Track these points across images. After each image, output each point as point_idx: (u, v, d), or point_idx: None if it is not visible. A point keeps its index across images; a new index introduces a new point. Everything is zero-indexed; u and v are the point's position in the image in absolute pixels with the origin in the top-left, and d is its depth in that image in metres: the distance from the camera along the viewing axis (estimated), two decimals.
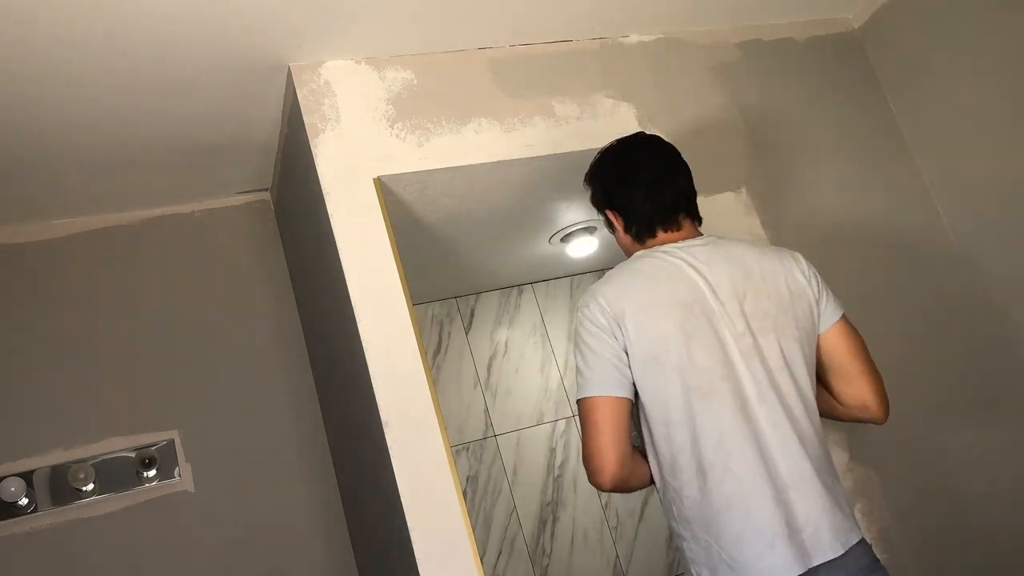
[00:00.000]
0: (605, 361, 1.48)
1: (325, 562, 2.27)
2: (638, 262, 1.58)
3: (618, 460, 1.46)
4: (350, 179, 1.92)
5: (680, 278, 1.53)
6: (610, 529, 3.15)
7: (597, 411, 1.47)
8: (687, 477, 1.45)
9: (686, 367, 1.46)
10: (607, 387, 1.48)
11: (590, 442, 1.47)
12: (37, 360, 2.21)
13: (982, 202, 2.35)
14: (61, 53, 1.68)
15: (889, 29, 2.50)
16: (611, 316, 1.49)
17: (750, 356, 1.49)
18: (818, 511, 1.42)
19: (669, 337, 1.47)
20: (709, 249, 1.58)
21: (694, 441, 1.45)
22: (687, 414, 1.45)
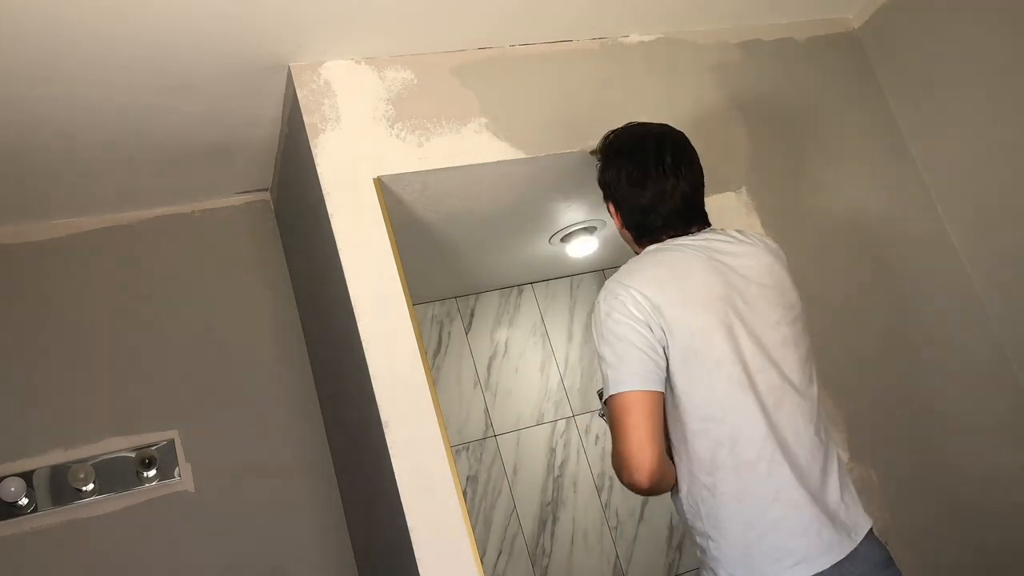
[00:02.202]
0: (641, 353, 1.42)
1: (325, 562, 2.27)
2: (661, 254, 1.54)
3: (658, 457, 1.40)
4: (350, 179, 1.92)
5: (712, 270, 1.50)
6: (610, 529, 3.15)
7: (636, 407, 1.40)
8: (724, 474, 1.42)
9: (728, 361, 1.44)
10: (644, 381, 1.41)
11: (627, 438, 1.40)
12: (37, 360, 2.21)
13: (982, 202, 2.35)
14: (60, 52, 1.68)
15: (889, 29, 2.50)
16: (647, 308, 1.44)
17: (785, 346, 1.50)
18: (838, 504, 1.44)
19: (711, 330, 1.44)
20: (728, 243, 1.56)
21: (736, 436, 1.42)
22: (729, 409, 1.43)
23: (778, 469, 1.41)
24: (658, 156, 1.58)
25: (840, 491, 1.46)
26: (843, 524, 1.43)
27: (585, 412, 3.28)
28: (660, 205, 1.57)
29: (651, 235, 1.60)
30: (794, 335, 1.53)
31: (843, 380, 2.16)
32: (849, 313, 2.25)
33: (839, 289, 2.26)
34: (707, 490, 1.44)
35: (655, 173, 1.57)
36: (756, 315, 1.49)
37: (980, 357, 2.34)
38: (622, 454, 1.41)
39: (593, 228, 2.81)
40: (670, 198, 1.57)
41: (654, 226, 1.59)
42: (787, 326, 1.52)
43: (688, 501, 1.49)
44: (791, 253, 2.13)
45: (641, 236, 1.62)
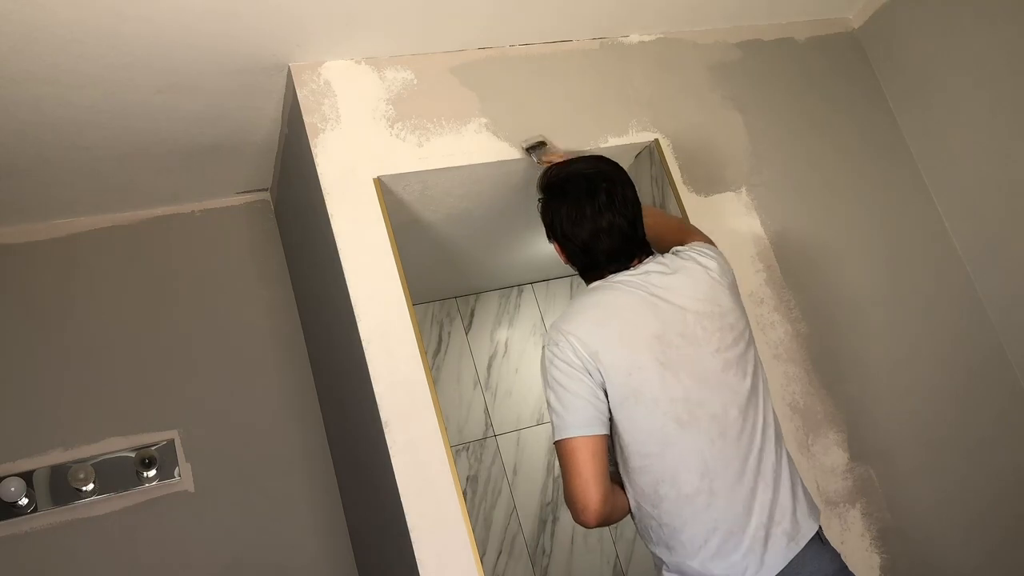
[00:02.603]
0: (582, 400, 1.48)
1: (325, 562, 2.27)
2: (599, 294, 1.58)
3: (602, 498, 1.46)
4: (350, 179, 1.93)
5: (647, 308, 1.53)
6: (610, 529, 3.15)
7: (578, 452, 1.46)
8: (668, 506, 1.47)
9: (664, 399, 1.47)
10: (586, 427, 1.47)
11: (573, 482, 1.47)
12: (37, 360, 2.21)
13: (982, 203, 2.35)
14: (60, 52, 1.68)
15: (889, 29, 2.50)
16: (584, 355, 1.49)
17: (728, 369, 1.51)
18: (787, 506, 1.47)
19: (646, 369, 1.48)
20: (664, 272, 1.58)
21: (676, 471, 1.46)
22: (668, 445, 1.47)
23: (717, 501, 1.45)
24: (591, 194, 1.60)
25: (789, 504, 1.48)
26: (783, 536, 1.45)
27: None
28: (598, 242, 1.60)
29: (594, 270, 1.64)
30: (737, 357, 1.53)
31: (843, 380, 2.16)
32: (849, 312, 2.25)
33: (837, 288, 2.26)
34: (654, 520, 1.50)
35: (590, 212, 1.60)
36: (693, 347, 1.51)
37: (980, 357, 2.34)
38: (569, 497, 1.48)
39: None
40: (607, 235, 1.59)
41: (596, 262, 1.63)
42: (728, 350, 1.53)
43: (640, 528, 1.56)
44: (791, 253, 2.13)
45: (585, 271, 1.67)
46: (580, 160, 1.71)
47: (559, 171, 1.70)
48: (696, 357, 1.50)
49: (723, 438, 1.47)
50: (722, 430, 1.47)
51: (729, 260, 1.69)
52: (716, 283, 1.59)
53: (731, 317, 1.57)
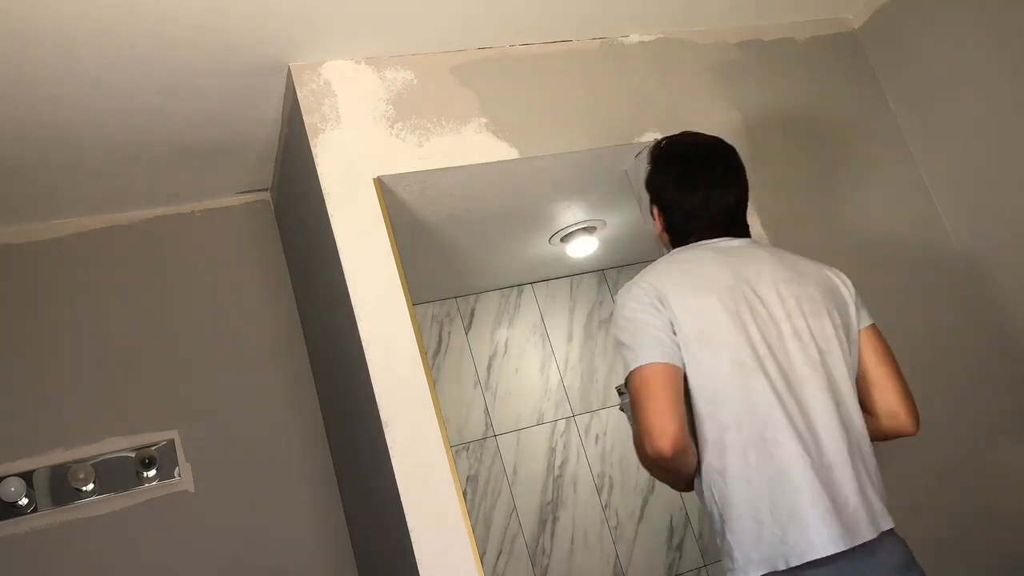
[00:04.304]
0: (655, 331, 1.47)
1: (325, 562, 2.27)
2: (678, 253, 1.62)
3: (681, 424, 1.41)
4: (350, 179, 1.93)
5: (722, 264, 1.56)
6: (610, 529, 3.15)
7: (654, 378, 1.43)
8: (732, 456, 1.44)
9: (732, 343, 1.48)
10: (661, 355, 1.45)
11: (648, 407, 1.41)
12: (37, 360, 2.21)
13: (982, 202, 2.35)
14: (60, 53, 1.68)
15: (889, 29, 2.50)
16: (654, 296, 1.50)
17: (799, 336, 1.51)
18: (855, 493, 1.44)
19: (715, 313, 1.49)
20: (746, 248, 1.61)
21: (742, 417, 1.45)
22: (735, 390, 1.46)
23: (783, 451, 1.43)
24: (708, 165, 1.65)
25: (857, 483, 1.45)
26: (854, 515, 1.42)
27: (585, 412, 3.29)
28: (704, 212, 1.63)
29: (688, 240, 1.65)
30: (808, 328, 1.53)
31: None
32: None
33: None
34: (717, 473, 1.46)
35: (702, 182, 1.63)
36: (766, 306, 1.53)
37: (980, 357, 2.34)
38: (644, 424, 1.42)
39: (593, 228, 2.81)
40: (715, 206, 1.63)
41: (694, 231, 1.64)
42: (800, 319, 1.53)
43: (705, 485, 1.51)
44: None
45: (678, 241, 1.67)
46: (693, 133, 1.74)
47: (674, 140, 1.72)
48: (767, 315, 1.51)
49: (789, 394, 1.46)
50: (787, 387, 1.47)
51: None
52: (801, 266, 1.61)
53: (814, 291, 1.57)
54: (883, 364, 1.62)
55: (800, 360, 1.50)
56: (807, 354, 1.51)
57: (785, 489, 1.41)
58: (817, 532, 1.38)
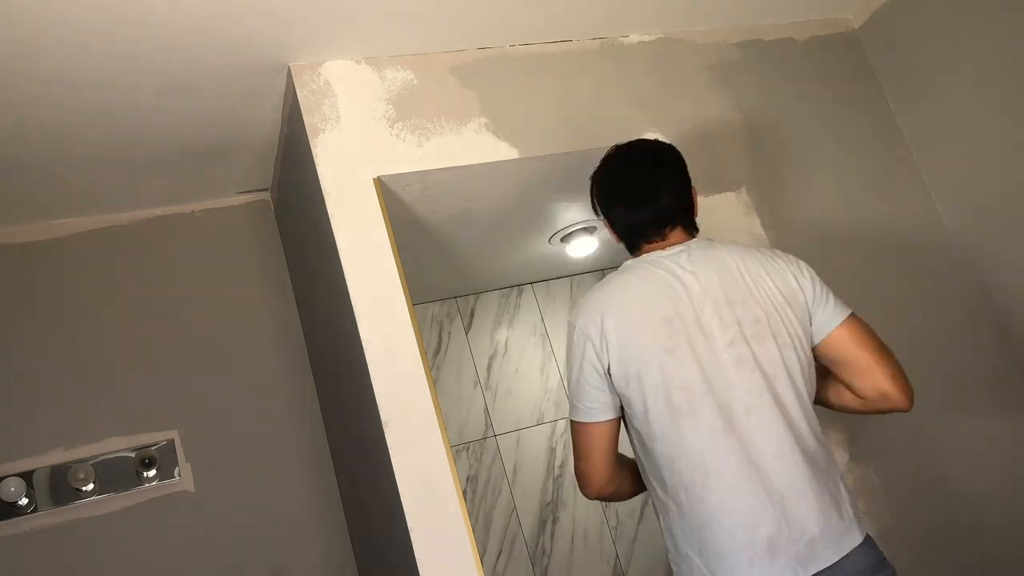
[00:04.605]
0: (594, 389, 1.53)
1: (325, 562, 2.27)
2: (626, 274, 1.60)
3: (607, 480, 1.57)
4: (350, 179, 1.93)
5: (665, 291, 1.52)
6: (610, 529, 3.15)
7: (588, 437, 1.56)
8: (670, 491, 1.48)
9: (665, 386, 1.47)
10: (598, 413, 1.54)
11: (580, 463, 1.58)
12: (37, 360, 2.21)
13: (982, 202, 2.35)
14: (61, 52, 1.68)
15: (889, 29, 2.50)
16: (597, 333, 1.52)
17: (742, 364, 1.48)
18: (814, 520, 1.41)
19: (649, 355, 1.49)
20: (695, 256, 1.56)
21: (674, 458, 1.47)
22: (667, 432, 1.47)
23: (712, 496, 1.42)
24: (632, 169, 1.66)
25: (819, 508, 1.42)
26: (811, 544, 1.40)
27: None
28: (625, 227, 1.65)
29: (635, 247, 1.66)
30: (755, 354, 1.48)
31: None
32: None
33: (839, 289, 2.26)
34: (661, 503, 1.52)
35: (619, 196, 1.65)
36: (704, 337, 1.49)
37: (980, 357, 2.34)
38: (577, 468, 1.60)
39: (593, 228, 2.81)
40: (636, 221, 1.63)
41: (637, 240, 1.65)
42: (743, 345, 1.48)
43: (654, 510, 1.58)
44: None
45: (629, 248, 1.69)
46: (635, 141, 1.75)
47: (614, 149, 1.73)
48: (707, 347, 1.48)
49: (727, 433, 1.43)
50: (726, 426, 1.44)
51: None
52: (748, 277, 1.55)
53: (758, 311, 1.51)
54: (865, 350, 1.57)
55: (744, 391, 1.46)
56: (752, 382, 1.47)
57: (714, 532, 1.42)
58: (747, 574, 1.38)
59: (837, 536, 1.42)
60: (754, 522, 1.40)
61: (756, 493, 1.41)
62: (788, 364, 1.50)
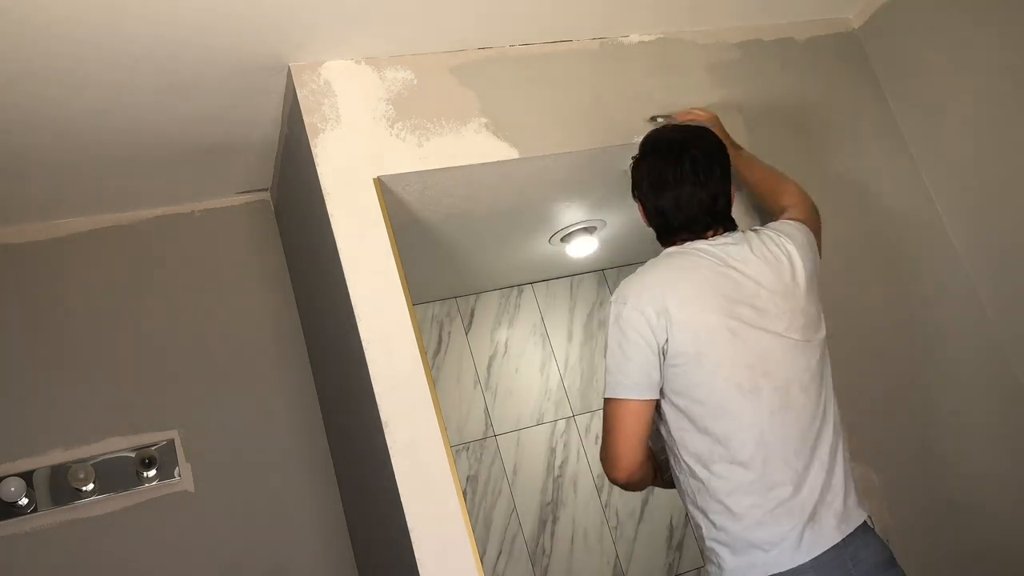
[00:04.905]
0: (637, 365, 1.51)
1: (325, 562, 2.27)
2: (674, 258, 1.61)
3: (639, 463, 1.55)
4: (350, 179, 1.93)
5: (723, 274, 1.56)
6: (610, 529, 3.15)
7: (626, 416, 1.53)
8: (719, 469, 1.49)
9: (728, 364, 1.50)
10: (641, 391, 1.52)
11: (613, 442, 1.54)
12: (37, 360, 2.21)
13: (981, 202, 2.35)
14: (61, 52, 1.68)
15: (889, 29, 2.50)
16: (651, 312, 1.51)
17: (796, 348, 1.55)
18: (844, 487, 1.52)
19: (714, 332, 1.51)
20: (742, 248, 1.61)
21: (733, 435, 1.49)
22: (727, 410, 1.49)
23: (770, 471, 1.48)
24: (678, 162, 1.64)
25: (841, 487, 1.53)
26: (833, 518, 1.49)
27: (585, 412, 3.29)
28: (677, 210, 1.64)
29: (670, 235, 1.68)
30: (805, 341, 1.57)
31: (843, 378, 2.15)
32: (849, 313, 2.24)
33: (839, 289, 2.26)
34: (701, 483, 1.52)
35: (672, 179, 1.63)
36: (763, 320, 1.54)
37: (980, 356, 2.34)
38: (607, 450, 1.56)
39: (593, 228, 2.81)
40: (687, 204, 1.63)
41: (672, 228, 1.66)
42: (797, 332, 1.56)
43: (686, 489, 1.57)
44: None
45: (661, 235, 1.70)
46: (680, 127, 1.76)
47: (656, 132, 1.74)
48: (765, 330, 1.53)
49: (784, 412, 1.50)
50: (783, 404, 1.50)
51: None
52: (794, 271, 1.62)
53: (804, 303, 1.59)
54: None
55: (800, 373, 1.54)
56: (806, 366, 1.56)
57: (767, 507, 1.47)
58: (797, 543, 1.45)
59: (856, 503, 1.54)
60: (804, 494, 1.48)
61: (807, 468, 1.49)
62: (824, 351, 1.61)
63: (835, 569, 1.45)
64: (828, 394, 1.59)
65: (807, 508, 1.47)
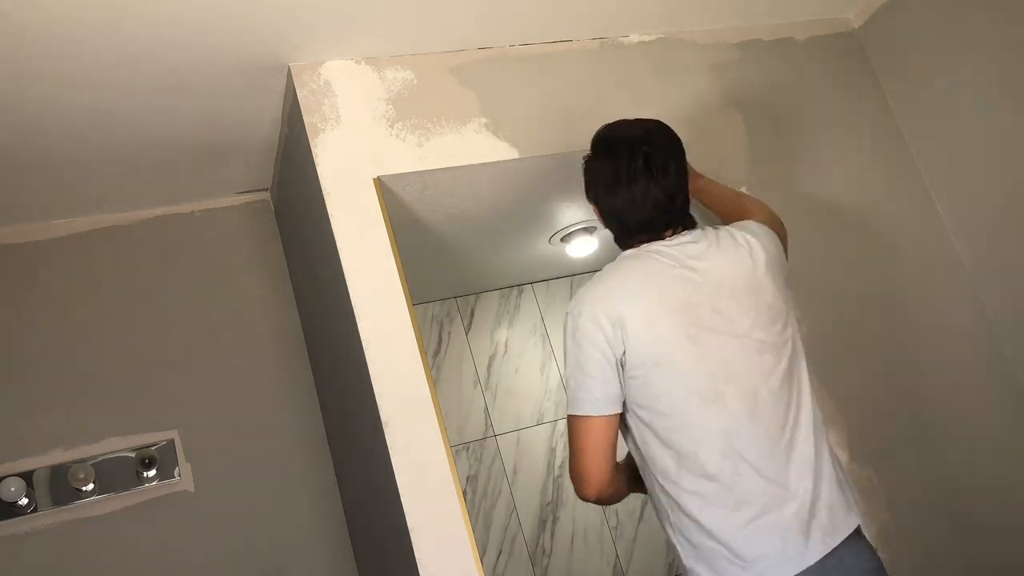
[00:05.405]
0: (598, 380, 1.46)
1: (325, 562, 2.27)
2: (629, 262, 1.54)
3: (608, 479, 1.49)
4: (350, 179, 1.93)
5: (679, 278, 1.49)
6: (610, 529, 3.15)
7: (590, 433, 1.47)
8: (690, 483, 1.42)
9: (690, 372, 1.44)
10: (602, 407, 1.46)
11: (580, 460, 1.48)
12: (37, 360, 2.21)
13: (982, 202, 2.35)
14: (61, 52, 1.68)
15: (889, 29, 2.50)
16: (607, 324, 1.45)
17: (763, 350, 1.47)
18: (831, 493, 1.43)
19: (672, 340, 1.44)
20: (700, 246, 1.54)
21: (699, 447, 1.42)
22: (691, 419, 1.43)
23: (741, 482, 1.41)
24: (631, 161, 1.55)
25: (826, 493, 1.44)
26: (819, 527, 1.41)
27: None
28: (631, 210, 1.56)
29: (627, 237, 1.60)
30: (772, 338, 1.49)
31: (843, 379, 2.16)
32: (849, 313, 2.25)
33: (839, 290, 2.26)
34: (672, 499, 1.45)
35: (626, 178, 1.54)
36: (726, 323, 1.47)
37: (979, 356, 2.34)
38: (574, 468, 1.50)
39: (593, 228, 2.81)
40: (641, 204, 1.54)
41: (629, 229, 1.59)
42: (763, 330, 1.48)
43: (658, 507, 1.51)
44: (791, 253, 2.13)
45: (618, 237, 1.63)
46: (633, 122, 1.65)
47: (608, 128, 1.65)
48: (727, 333, 1.46)
49: (751, 419, 1.42)
50: (750, 411, 1.42)
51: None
52: (755, 262, 1.54)
53: (769, 298, 1.51)
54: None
55: (767, 376, 1.46)
56: (774, 367, 1.47)
57: (744, 520, 1.39)
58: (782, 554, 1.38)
59: (846, 510, 1.45)
60: (783, 503, 1.40)
61: (783, 475, 1.42)
62: (796, 346, 1.52)
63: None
64: (803, 395, 1.49)
65: (788, 520, 1.39)
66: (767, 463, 1.42)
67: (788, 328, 1.53)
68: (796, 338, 1.54)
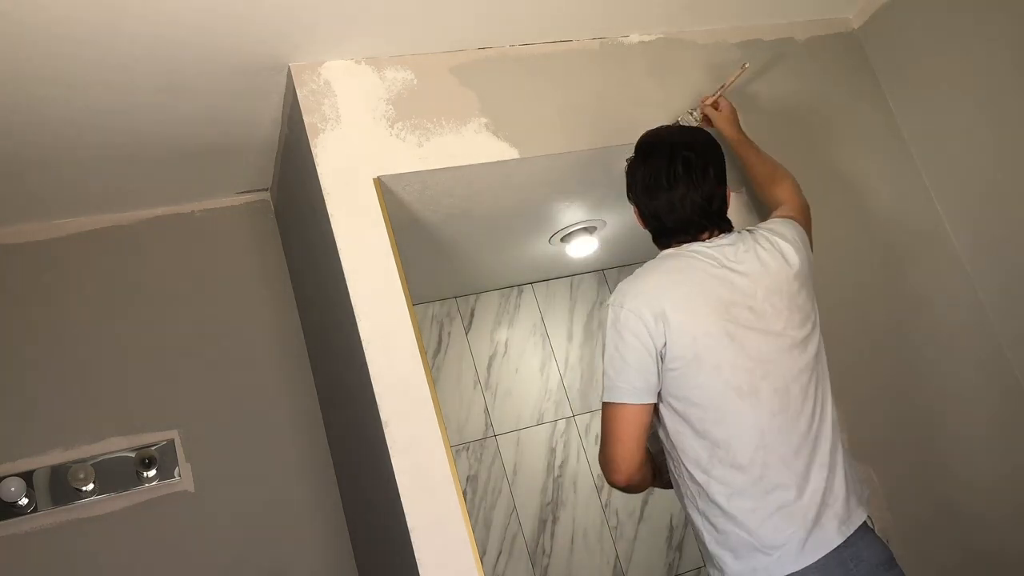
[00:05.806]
0: (635, 370, 1.51)
1: (325, 562, 2.27)
2: (671, 260, 1.61)
3: (638, 467, 1.55)
4: (350, 179, 1.93)
5: (718, 278, 1.56)
6: (610, 529, 3.15)
7: (623, 420, 1.53)
8: (720, 472, 1.49)
9: (727, 367, 1.50)
10: (639, 396, 1.52)
11: (612, 447, 1.54)
12: (37, 360, 2.21)
13: (982, 202, 2.35)
14: (61, 52, 1.68)
15: (889, 29, 2.50)
16: (649, 316, 1.51)
17: (795, 349, 1.55)
18: (846, 487, 1.52)
19: (712, 335, 1.51)
20: (738, 248, 1.61)
21: (732, 438, 1.49)
22: (726, 413, 1.50)
23: (770, 474, 1.48)
24: (670, 165, 1.63)
25: (843, 487, 1.52)
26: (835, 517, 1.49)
27: (585, 412, 3.29)
28: (670, 213, 1.64)
29: (665, 238, 1.68)
30: (803, 339, 1.57)
31: (843, 379, 2.15)
32: (849, 312, 2.24)
33: (839, 289, 2.26)
34: (700, 487, 1.52)
35: (665, 182, 1.63)
36: (761, 322, 1.54)
37: (979, 356, 2.34)
38: (605, 454, 1.56)
39: (593, 228, 2.81)
40: (680, 207, 1.62)
41: (667, 230, 1.66)
42: (795, 330, 1.56)
43: (685, 495, 1.57)
44: None
45: (657, 237, 1.70)
46: (675, 128, 1.78)
47: (650, 134, 1.74)
48: (763, 331, 1.53)
49: (783, 413, 1.50)
50: (783, 405, 1.50)
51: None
52: (789, 266, 1.62)
53: (800, 299, 1.60)
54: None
55: (798, 374, 1.54)
56: (804, 366, 1.55)
57: (769, 508, 1.47)
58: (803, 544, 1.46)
59: (857, 501, 1.54)
60: (806, 495, 1.48)
61: (808, 468, 1.49)
62: (820, 346, 1.61)
63: (836, 568, 1.45)
64: (825, 392, 1.59)
65: (809, 510, 1.47)
66: (795, 456, 1.49)
67: (816, 329, 1.61)
68: (820, 339, 1.62)
